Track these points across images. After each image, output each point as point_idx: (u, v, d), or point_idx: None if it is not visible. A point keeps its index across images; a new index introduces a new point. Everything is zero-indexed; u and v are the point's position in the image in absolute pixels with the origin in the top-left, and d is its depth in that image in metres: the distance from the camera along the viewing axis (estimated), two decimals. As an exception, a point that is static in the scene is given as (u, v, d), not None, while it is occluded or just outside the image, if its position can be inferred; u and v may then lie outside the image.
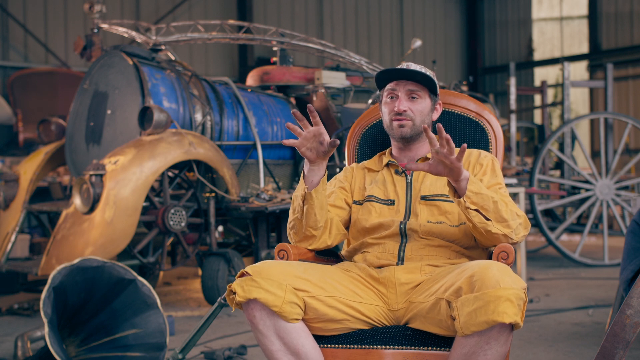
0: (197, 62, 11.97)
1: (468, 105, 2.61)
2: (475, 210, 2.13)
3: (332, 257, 2.51)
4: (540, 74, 15.77)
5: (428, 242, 2.30)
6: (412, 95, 2.37)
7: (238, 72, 12.62)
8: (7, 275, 5.70)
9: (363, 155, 2.68)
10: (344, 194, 2.47)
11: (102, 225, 4.70)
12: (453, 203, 2.30)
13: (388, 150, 2.51)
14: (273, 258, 2.42)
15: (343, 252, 2.52)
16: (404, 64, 2.42)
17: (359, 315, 2.20)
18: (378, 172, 2.49)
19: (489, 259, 2.20)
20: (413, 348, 2.11)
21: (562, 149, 7.91)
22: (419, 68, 2.40)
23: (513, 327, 1.95)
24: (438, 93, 2.45)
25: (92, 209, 4.76)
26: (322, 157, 2.22)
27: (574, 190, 7.66)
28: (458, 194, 2.14)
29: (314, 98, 6.33)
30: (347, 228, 2.46)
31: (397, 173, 2.44)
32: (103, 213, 4.72)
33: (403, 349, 2.12)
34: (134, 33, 5.92)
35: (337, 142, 2.11)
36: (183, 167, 5.41)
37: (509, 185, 5.77)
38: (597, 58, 14.60)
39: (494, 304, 1.89)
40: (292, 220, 2.35)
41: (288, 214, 2.64)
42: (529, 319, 4.59)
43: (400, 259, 2.29)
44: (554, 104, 9.01)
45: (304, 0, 13.77)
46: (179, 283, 6.69)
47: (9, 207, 5.64)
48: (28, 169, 5.73)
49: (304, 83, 6.46)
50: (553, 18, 15.96)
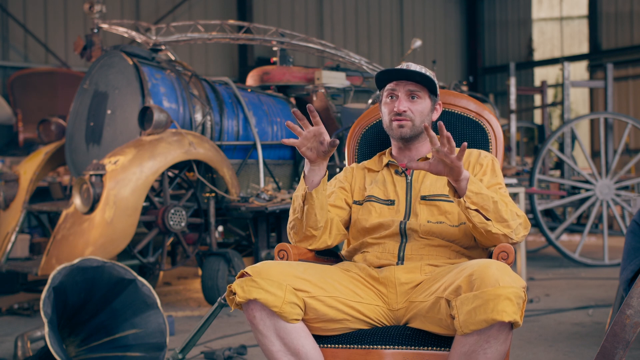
0: (197, 62, 11.97)
1: (468, 105, 2.61)
2: (476, 211, 2.13)
3: (332, 257, 2.51)
4: (540, 74, 15.77)
5: (428, 242, 2.30)
6: (412, 96, 2.37)
7: (238, 72, 12.62)
8: (7, 275, 5.70)
9: (363, 155, 2.67)
10: (344, 194, 2.47)
11: (102, 225, 4.70)
12: (453, 203, 2.31)
13: (388, 150, 2.51)
14: (273, 258, 2.42)
15: (343, 252, 2.52)
16: (404, 64, 2.42)
17: (359, 315, 2.20)
18: (378, 172, 2.49)
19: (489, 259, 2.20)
20: (413, 348, 2.11)
21: (562, 149, 7.91)
22: (419, 68, 2.40)
23: (512, 325, 1.95)
24: (438, 93, 2.45)
25: (92, 209, 4.76)
26: (322, 157, 2.22)
27: (574, 190, 7.66)
28: (458, 194, 2.14)
29: (314, 98, 6.32)
30: (347, 228, 2.46)
31: (397, 173, 2.44)
32: (103, 213, 4.72)
33: (403, 349, 2.12)
34: (134, 33, 5.91)
35: (336, 142, 2.11)
36: (183, 167, 5.41)
37: (509, 185, 5.77)
38: (597, 58, 14.60)
39: (494, 303, 1.89)
40: (292, 220, 2.35)
41: (288, 214, 2.64)
42: (529, 319, 4.59)
43: (400, 259, 2.29)
44: (554, 104, 9.01)
45: (304, 0, 13.77)
46: (179, 283, 6.69)
47: (9, 207, 5.64)
48: (28, 169, 5.73)
49: (304, 83, 6.46)
50: (553, 18, 15.96)
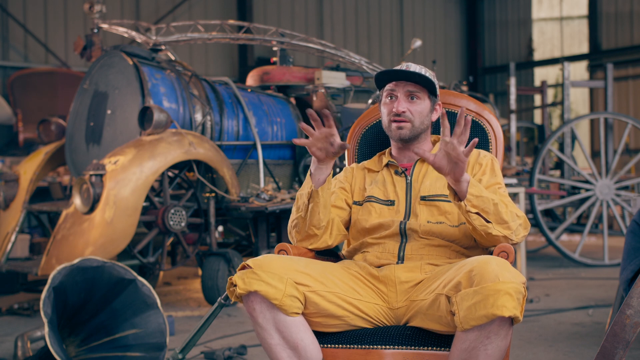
0: (197, 62, 11.97)
1: (468, 105, 2.61)
2: (476, 214, 2.13)
3: (332, 257, 2.51)
4: (540, 74, 15.77)
5: (428, 242, 2.30)
6: (411, 96, 2.37)
7: (238, 72, 12.63)
8: (7, 275, 5.69)
9: (363, 155, 2.68)
10: (345, 195, 2.47)
11: (102, 225, 4.70)
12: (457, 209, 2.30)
13: (388, 151, 2.51)
14: (273, 258, 2.42)
15: (343, 252, 2.52)
16: (404, 65, 2.42)
17: (359, 313, 2.20)
18: (378, 172, 2.49)
19: (489, 258, 2.20)
20: (413, 348, 2.11)
21: (562, 149, 7.91)
22: (419, 69, 2.39)
23: (513, 321, 1.95)
24: (438, 94, 2.45)
25: (92, 209, 4.76)
26: (331, 157, 2.23)
27: (574, 190, 7.66)
28: (458, 197, 2.14)
29: (314, 98, 6.32)
30: (347, 228, 2.46)
31: (396, 173, 2.44)
32: (103, 213, 4.72)
33: (403, 349, 2.12)
34: (134, 33, 5.91)
35: (347, 145, 2.15)
36: (183, 167, 5.41)
37: (509, 185, 5.77)
38: (597, 58, 14.60)
39: (494, 298, 1.89)
40: (295, 219, 2.35)
41: (288, 214, 2.64)
42: (529, 319, 4.58)
43: (400, 259, 2.29)
44: (554, 104, 9.01)
45: (304, 0, 13.77)
46: (179, 283, 6.69)
47: (9, 207, 5.64)
48: (28, 169, 5.73)
49: (304, 83, 6.46)
50: (553, 18, 15.96)
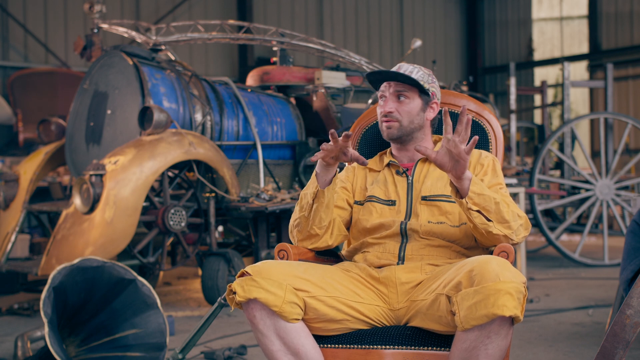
0: (197, 62, 11.97)
1: (468, 105, 2.61)
2: (477, 212, 2.13)
3: (332, 257, 2.51)
4: (540, 74, 15.77)
5: (428, 242, 2.30)
6: (399, 96, 2.38)
7: (238, 72, 12.62)
8: (7, 275, 5.69)
9: (363, 155, 2.66)
10: (346, 194, 2.47)
11: (102, 225, 4.70)
12: (454, 203, 2.31)
13: (389, 150, 2.51)
14: (273, 258, 2.42)
15: (343, 252, 2.52)
16: (397, 65, 2.44)
17: (359, 316, 2.20)
18: (379, 172, 2.49)
19: (489, 258, 2.19)
20: (413, 348, 2.11)
21: (562, 149, 7.91)
22: (411, 68, 2.39)
23: (513, 320, 1.95)
24: (431, 91, 2.42)
25: (92, 209, 4.76)
26: (339, 160, 2.26)
27: (574, 190, 7.66)
28: (460, 195, 2.14)
29: (314, 98, 6.32)
30: (347, 228, 2.46)
31: (398, 173, 2.44)
32: (103, 213, 4.72)
33: (403, 349, 2.12)
34: (134, 33, 5.91)
35: (365, 161, 2.21)
36: (183, 167, 5.41)
37: (509, 185, 5.77)
38: (597, 58, 14.60)
39: (494, 297, 1.89)
40: (297, 218, 2.35)
41: (288, 214, 2.64)
42: (529, 319, 4.58)
43: (401, 259, 2.29)
44: (554, 104, 9.01)
45: (304, 0, 13.77)
46: (179, 283, 6.68)
47: (9, 207, 5.64)
48: (28, 169, 5.73)
49: (304, 83, 6.46)
50: (553, 18, 15.96)
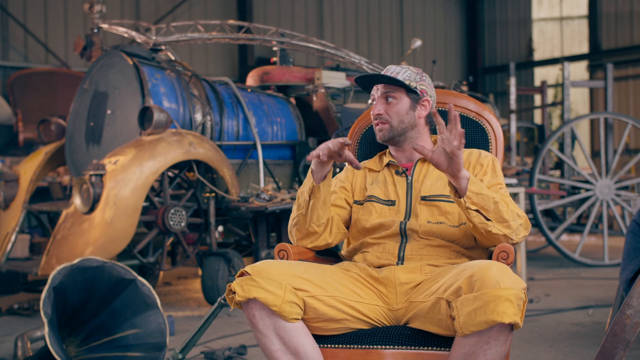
0: (197, 62, 11.97)
1: (468, 105, 2.61)
2: (476, 211, 2.12)
3: (332, 257, 2.51)
4: (540, 74, 15.77)
5: (428, 242, 2.30)
6: (387, 97, 2.39)
7: (238, 72, 12.62)
8: (7, 275, 5.69)
9: (363, 155, 2.68)
10: (345, 194, 2.48)
11: (102, 225, 4.70)
12: (453, 203, 2.31)
13: (388, 150, 2.52)
14: (273, 258, 2.42)
15: (343, 252, 2.52)
16: (386, 68, 2.47)
17: (359, 315, 2.20)
18: (379, 172, 2.49)
19: (489, 259, 2.19)
20: (413, 348, 2.11)
21: (562, 149, 7.91)
22: (398, 69, 2.40)
23: (513, 327, 1.95)
24: (420, 90, 2.41)
25: (92, 209, 4.76)
26: (333, 160, 2.28)
27: (574, 190, 7.66)
28: (459, 195, 2.14)
29: (314, 98, 6.32)
30: (347, 228, 2.47)
31: (397, 173, 2.44)
32: (103, 213, 4.72)
33: (403, 349, 2.12)
34: (134, 33, 5.91)
35: (358, 165, 2.25)
36: (183, 167, 5.41)
37: (509, 185, 5.77)
38: (597, 58, 14.60)
39: (494, 304, 1.89)
40: (295, 217, 2.36)
41: (288, 214, 2.64)
42: (529, 319, 4.59)
43: (400, 259, 2.29)
44: (554, 104, 9.01)
45: (304, 0, 13.77)
46: (179, 283, 6.68)
47: (9, 207, 5.64)
48: (28, 169, 5.73)
49: (304, 83, 6.46)
50: (553, 18, 15.96)
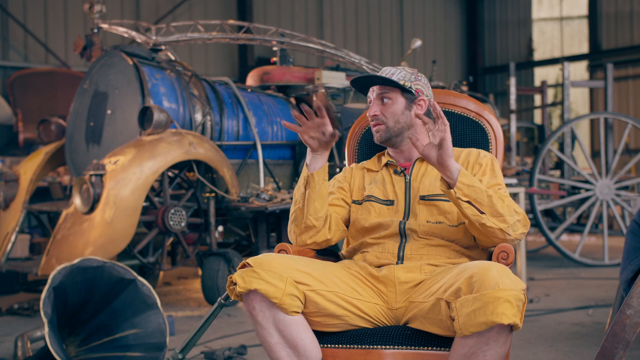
0: (197, 62, 11.97)
1: (468, 105, 2.61)
2: (468, 202, 2.13)
3: (332, 257, 2.51)
4: (540, 74, 15.77)
5: (427, 241, 2.30)
6: (382, 99, 2.40)
7: (238, 72, 12.62)
8: (7, 275, 5.69)
9: (363, 155, 2.68)
10: (343, 194, 2.48)
11: (102, 225, 4.70)
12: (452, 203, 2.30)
13: (387, 151, 2.52)
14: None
15: (343, 251, 2.52)
16: (382, 70, 2.47)
17: (359, 312, 2.21)
18: (377, 172, 2.49)
19: (489, 259, 2.19)
20: (413, 348, 2.11)
21: (562, 149, 7.91)
22: (393, 70, 2.41)
23: (512, 328, 1.95)
24: (415, 89, 2.41)
25: (92, 209, 4.76)
26: (324, 146, 2.30)
27: (574, 190, 7.66)
28: (449, 186, 2.14)
29: (314, 98, 6.32)
30: (347, 227, 2.47)
31: (396, 173, 2.44)
32: (103, 213, 4.72)
33: (403, 349, 2.12)
34: (134, 33, 5.91)
35: (337, 133, 2.24)
36: (183, 167, 5.41)
37: (509, 185, 5.76)
38: (597, 58, 14.60)
39: (493, 305, 1.89)
40: (293, 212, 2.37)
41: (288, 214, 2.64)
42: (529, 319, 4.59)
43: (400, 259, 2.29)
44: (554, 104, 9.01)
45: (304, 0, 13.77)
46: (179, 283, 6.68)
47: (9, 207, 5.64)
48: (28, 169, 5.73)
49: (304, 83, 6.46)
50: (553, 18, 15.96)
